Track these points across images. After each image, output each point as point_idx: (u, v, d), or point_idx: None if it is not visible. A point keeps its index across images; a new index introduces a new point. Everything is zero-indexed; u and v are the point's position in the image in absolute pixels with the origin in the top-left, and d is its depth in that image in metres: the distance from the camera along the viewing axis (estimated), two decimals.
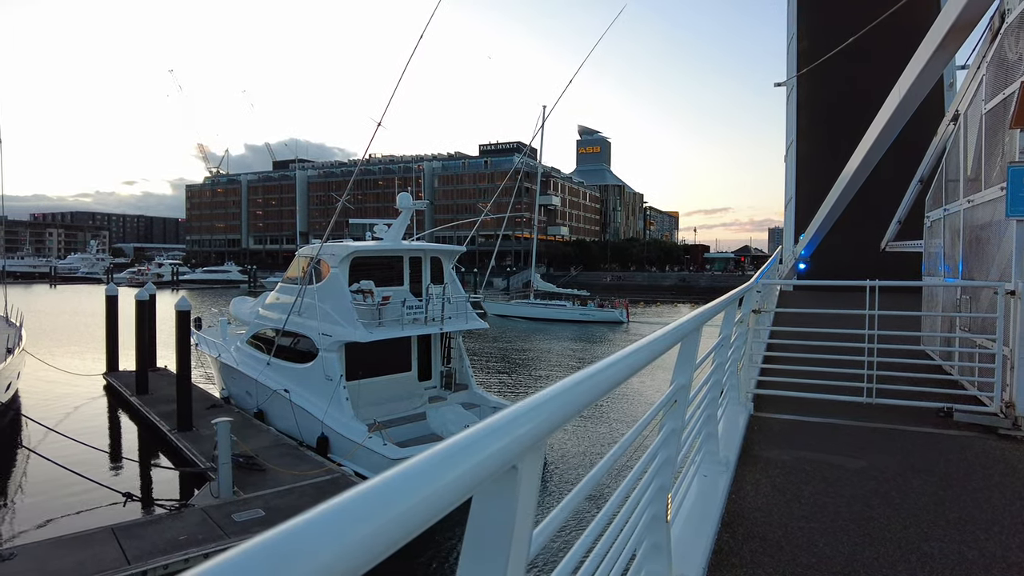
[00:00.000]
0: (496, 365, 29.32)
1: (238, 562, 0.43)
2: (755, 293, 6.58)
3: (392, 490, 0.59)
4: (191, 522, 10.14)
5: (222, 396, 19.04)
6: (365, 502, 0.55)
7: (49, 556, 8.71)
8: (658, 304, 71.45)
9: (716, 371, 4.24)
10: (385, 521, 0.55)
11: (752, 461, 4.88)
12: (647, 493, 2.36)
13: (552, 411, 0.98)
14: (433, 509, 0.64)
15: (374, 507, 0.56)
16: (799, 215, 24.47)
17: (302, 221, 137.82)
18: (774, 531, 3.63)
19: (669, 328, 2.19)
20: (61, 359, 25.41)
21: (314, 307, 15.51)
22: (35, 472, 13.73)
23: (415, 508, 0.61)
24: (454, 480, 0.68)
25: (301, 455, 13.53)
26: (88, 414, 19.31)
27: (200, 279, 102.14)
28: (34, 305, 48.93)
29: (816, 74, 20.07)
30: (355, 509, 0.54)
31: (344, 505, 0.53)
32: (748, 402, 6.33)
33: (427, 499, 0.63)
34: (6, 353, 17.11)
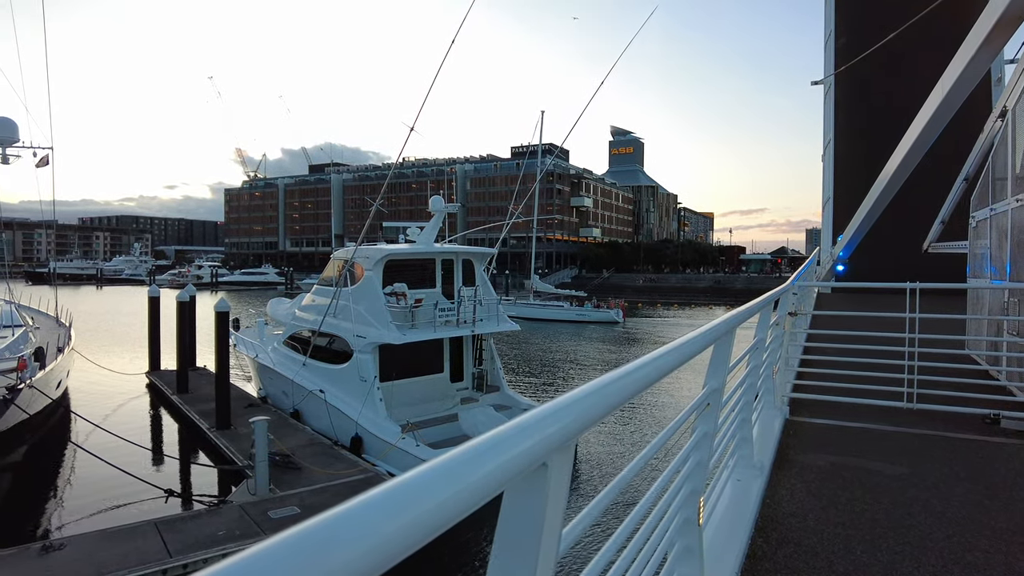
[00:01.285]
0: (513, 366, 29.33)
1: (277, 550, 0.46)
2: (791, 295, 6.47)
3: (425, 484, 0.61)
4: (229, 518, 10.38)
5: (259, 395, 19.44)
6: (400, 495, 0.58)
7: (96, 548, 9.01)
8: (692, 307, 70.58)
9: (751, 375, 4.19)
10: (419, 513, 0.58)
11: (787, 466, 4.80)
12: (679, 496, 2.35)
13: (581, 411, 0.99)
14: (464, 503, 0.66)
15: (409, 499, 0.58)
16: (837, 216, 23.96)
17: (337, 224, 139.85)
18: (809, 537, 3.57)
19: (702, 330, 2.17)
20: (107, 358, 26.22)
21: (349, 309, 15.74)
22: (83, 466, 14.20)
23: (447, 502, 0.63)
24: (484, 476, 0.70)
25: (335, 454, 13.73)
26: (132, 411, 19.91)
27: (238, 281, 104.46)
28: (82, 306, 50.60)
29: (855, 71, 19.62)
30: (390, 501, 0.56)
31: (380, 497, 0.56)
32: (784, 406, 6.23)
33: (458, 493, 0.65)
34: (57, 352, 17.73)
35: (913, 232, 17.14)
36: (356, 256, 16.42)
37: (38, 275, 72.64)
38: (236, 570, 0.42)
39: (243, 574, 0.43)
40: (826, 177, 26.05)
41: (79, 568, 8.39)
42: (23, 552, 8.84)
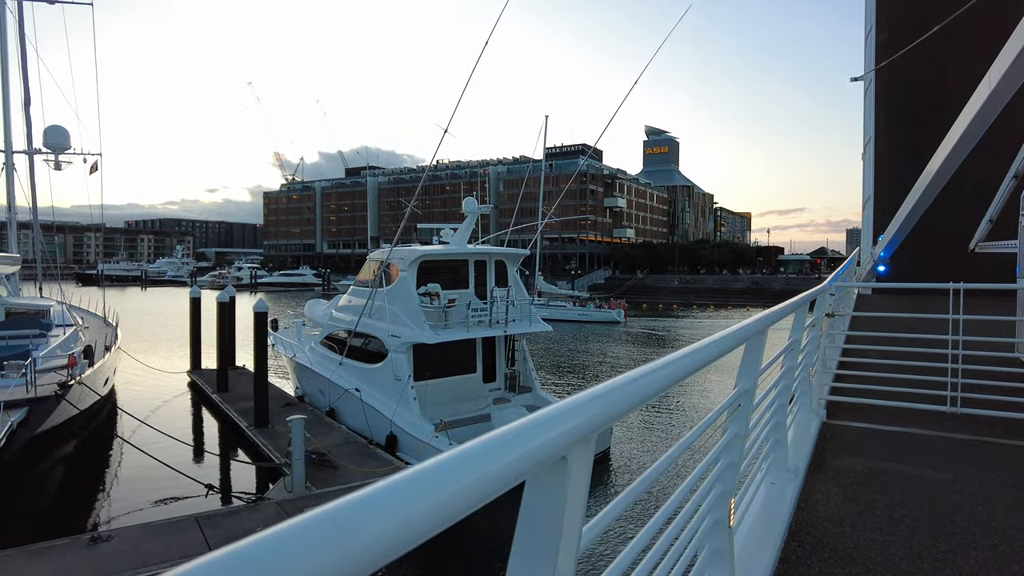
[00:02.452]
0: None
1: (304, 527, 0.49)
2: (828, 296, 6.35)
3: (450, 469, 0.64)
4: (266, 514, 10.61)
5: (296, 394, 19.82)
6: (426, 478, 0.61)
7: (141, 540, 9.31)
8: (728, 308, 69.55)
9: (785, 376, 4.12)
10: (443, 496, 0.61)
11: (823, 470, 4.72)
12: (709, 497, 2.33)
13: (602, 407, 1.01)
14: (485, 491, 0.69)
15: (434, 483, 0.61)
16: (878, 215, 23.34)
17: (373, 226, 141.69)
18: (845, 542, 3.50)
19: (732, 330, 2.15)
20: (151, 357, 27.03)
21: (384, 309, 15.94)
22: (128, 461, 14.69)
23: (469, 488, 0.65)
24: (505, 465, 0.73)
25: (370, 453, 13.92)
26: (174, 409, 20.50)
27: (277, 282, 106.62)
28: (127, 306, 52.23)
29: (896, 67, 19.09)
30: (417, 484, 0.59)
31: (408, 479, 0.59)
32: (820, 409, 6.11)
33: (480, 480, 0.67)
34: (104, 351, 18.36)
35: (959, 231, 16.58)
36: (391, 257, 16.62)
37: (87, 277, 75.31)
38: (270, 542, 0.45)
39: (276, 546, 0.46)
40: (866, 175, 25.39)
41: (126, 560, 8.69)
42: (75, 542, 9.19)
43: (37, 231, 24.69)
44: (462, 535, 10.44)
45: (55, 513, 12.54)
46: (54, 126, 23.56)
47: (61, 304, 21.13)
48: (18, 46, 22.59)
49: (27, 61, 22.87)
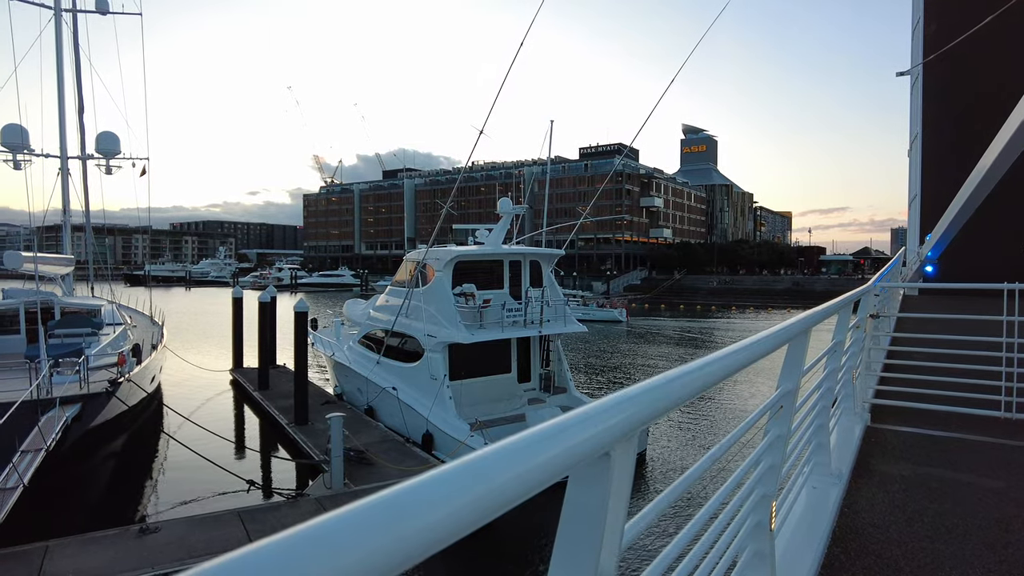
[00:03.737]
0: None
1: (363, 511, 0.51)
2: (873, 296, 6.18)
3: (495, 462, 0.65)
4: (305, 510, 10.82)
5: (335, 392, 20.15)
6: (472, 470, 0.62)
7: (186, 533, 9.60)
8: (769, 310, 68.22)
9: (828, 378, 4.04)
10: (488, 489, 0.62)
11: (868, 474, 4.59)
12: (749, 499, 2.30)
13: (644, 405, 1.01)
14: (530, 484, 0.70)
15: (479, 475, 0.62)
16: (925, 213, 22.60)
17: (410, 227, 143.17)
18: (891, 549, 3.40)
19: (775, 329, 2.12)
20: (195, 355, 27.80)
21: (420, 309, 16.10)
22: (174, 456, 15.13)
23: (514, 481, 0.67)
24: (550, 459, 0.74)
25: (407, 451, 14.07)
26: (217, 406, 21.05)
27: (316, 283, 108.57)
28: (172, 306, 53.79)
29: (946, 60, 18.47)
30: (464, 475, 0.61)
31: (454, 471, 0.60)
32: (865, 412, 5.95)
33: (525, 474, 0.69)
34: (151, 349, 18.95)
35: (1013, 230, 15.97)
36: (427, 258, 16.78)
37: (135, 277, 77.83)
38: (331, 524, 0.47)
39: (337, 528, 0.48)
40: (913, 173, 24.61)
41: (171, 551, 8.97)
42: (124, 533, 9.54)
43: (89, 234, 25.63)
44: (499, 532, 10.48)
45: (106, 504, 13.01)
46: (106, 132, 24.42)
47: (111, 304, 21.89)
48: (73, 56, 23.51)
49: (80, 70, 23.82)
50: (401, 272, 18.65)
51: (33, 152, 22.35)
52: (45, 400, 11.60)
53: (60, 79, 22.94)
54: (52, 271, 20.25)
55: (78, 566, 8.41)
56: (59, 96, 23.00)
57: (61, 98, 23.03)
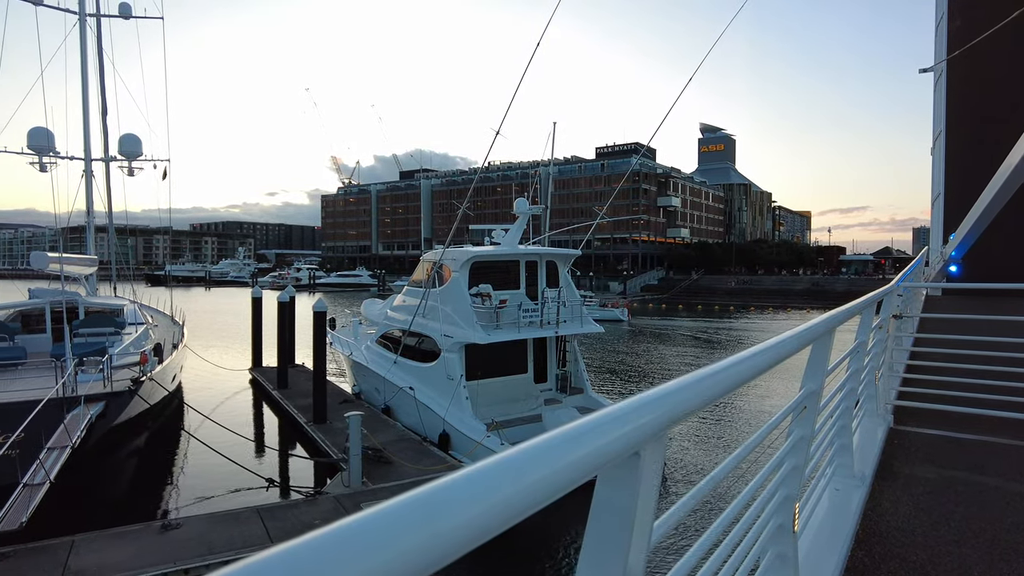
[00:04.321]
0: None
1: (397, 509, 0.51)
2: (896, 296, 6.09)
3: (527, 461, 0.65)
4: (324, 508, 10.90)
5: (353, 392, 20.27)
6: (505, 468, 0.62)
7: (207, 529, 9.71)
8: (788, 310, 67.54)
9: (851, 379, 3.98)
10: (521, 487, 0.62)
11: (891, 477, 4.53)
12: (772, 501, 2.28)
13: (674, 404, 1.01)
14: (561, 482, 0.70)
15: (512, 474, 0.62)
16: (949, 212, 22.22)
17: (426, 228, 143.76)
18: (917, 553, 3.35)
19: (799, 330, 2.10)
20: (214, 355, 28.13)
21: (437, 309, 16.15)
22: (194, 454, 15.33)
23: (546, 479, 0.66)
24: (581, 457, 0.73)
25: (424, 450, 14.12)
26: (237, 405, 21.27)
27: (334, 283, 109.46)
28: (192, 306, 54.49)
29: (971, 56, 18.15)
30: (498, 472, 0.60)
31: (488, 468, 0.60)
32: (887, 414, 5.87)
33: (555, 473, 0.68)
34: (172, 348, 19.20)
35: None
36: (444, 258, 16.83)
37: (156, 277, 78.97)
38: (366, 522, 0.47)
39: (373, 526, 0.48)
40: (936, 171, 24.21)
41: (193, 547, 9.08)
42: (147, 528, 9.68)
43: (112, 234, 26.02)
44: (532, 521, 10.48)
45: (129, 500, 13.22)
46: (128, 134, 24.76)
47: (133, 303, 22.20)
48: (97, 60, 23.89)
49: (104, 74, 24.18)
50: (418, 272, 18.72)
51: (58, 154, 22.73)
52: (71, 398, 11.79)
53: (84, 82, 23.32)
54: (76, 271, 20.58)
55: (103, 561, 8.54)
56: (83, 99, 23.38)
57: (85, 101, 23.41)
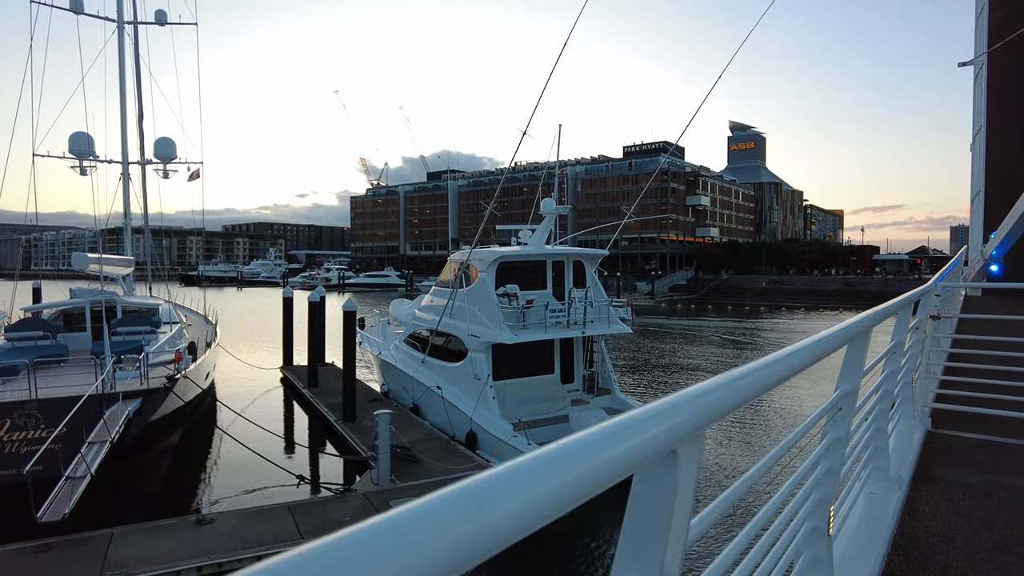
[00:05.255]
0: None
1: (444, 501, 0.52)
2: (933, 297, 5.95)
3: (567, 456, 0.66)
4: (353, 505, 11.01)
5: (382, 390, 20.47)
6: (547, 463, 0.63)
7: (239, 525, 9.89)
8: (820, 311, 66.33)
9: (887, 380, 3.90)
10: (562, 482, 0.62)
11: (929, 482, 4.42)
12: (807, 503, 2.25)
13: (712, 402, 1.00)
14: (600, 479, 0.70)
15: (554, 469, 0.63)
16: (989, 210, 21.57)
17: (453, 228, 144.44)
18: (958, 560, 3.27)
19: (835, 329, 2.07)
20: (246, 353, 28.62)
21: (464, 309, 16.22)
22: (227, 450, 15.62)
23: (586, 475, 0.67)
24: (619, 456, 0.73)
25: (452, 449, 14.20)
26: (268, 402, 21.63)
27: (363, 283, 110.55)
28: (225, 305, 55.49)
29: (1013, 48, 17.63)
30: (540, 467, 0.61)
31: (531, 463, 0.61)
32: (925, 417, 5.73)
33: (595, 469, 0.68)
34: (206, 347, 19.60)
35: None
36: (471, 258, 16.89)
37: (190, 278, 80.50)
38: (414, 513, 0.49)
39: (420, 518, 0.49)
40: (976, 168, 23.54)
41: (226, 542, 9.26)
42: (182, 523, 9.90)
43: (147, 235, 26.67)
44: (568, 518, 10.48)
45: (164, 494, 13.53)
46: (163, 138, 25.35)
47: (168, 303, 22.72)
48: (134, 66, 24.51)
49: (140, 79, 24.79)
50: (445, 273, 18.82)
51: (97, 158, 23.36)
52: (110, 394, 12.13)
53: (122, 88, 23.92)
54: (114, 272, 21.13)
55: (140, 553, 8.76)
56: (121, 104, 23.98)
57: (123, 106, 24.01)
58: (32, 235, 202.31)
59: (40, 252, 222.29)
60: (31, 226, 20.32)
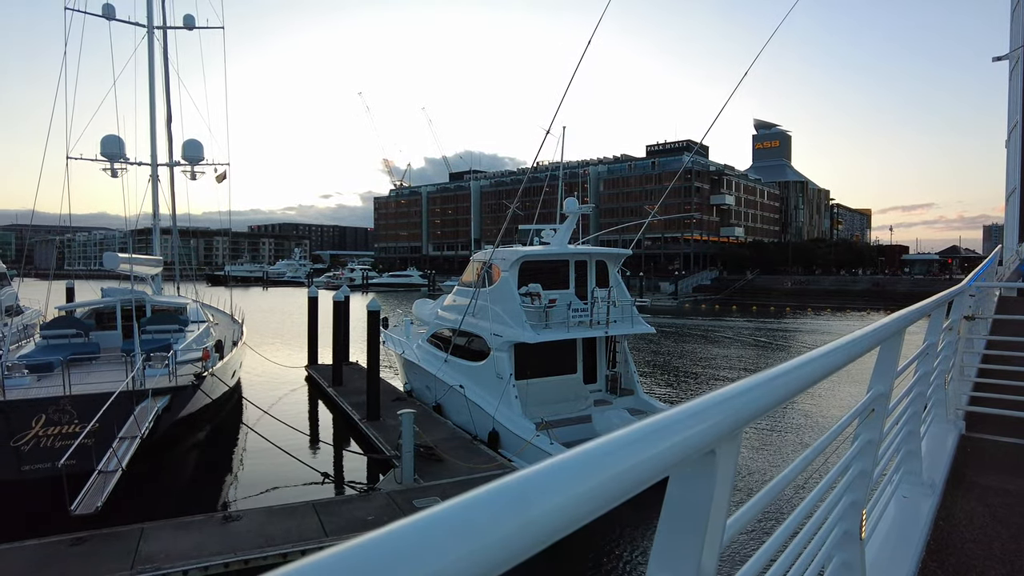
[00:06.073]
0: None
1: (492, 496, 0.52)
2: (967, 297, 5.81)
3: (608, 454, 0.66)
4: (377, 504, 11.09)
5: (405, 389, 20.60)
6: (588, 460, 0.62)
7: (265, 522, 10.02)
8: (847, 311, 65.24)
9: (919, 382, 3.83)
10: (604, 479, 0.62)
11: (964, 487, 4.32)
12: (839, 506, 2.22)
13: (750, 401, 1.00)
14: (636, 479, 0.69)
15: (595, 466, 0.62)
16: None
17: (476, 228, 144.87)
18: (995, 567, 3.19)
19: (869, 329, 2.04)
20: (272, 352, 28.99)
21: (486, 309, 16.25)
22: (252, 447, 15.84)
23: (626, 474, 0.66)
24: (658, 454, 0.73)
25: (475, 448, 14.23)
26: (293, 400, 21.87)
27: (386, 283, 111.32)
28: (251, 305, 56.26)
29: None
30: (580, 465, 0.61)
31: (572, 460, 0.61)
32: (958, 420, 5.61)
33: (635, 467, 0.68)
34: (232, 345, 19.90)
35: None
36: (493, 258, 16.92)
37: (216, 277, 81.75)
38: (463, 507, 0.49)
39: (461, 515, 0.49)
40: (1011, 165, 22.98)
41: (252, 539, 9.39)
42: (210, 519, 10.06)
43: (175, 236, 27.15)
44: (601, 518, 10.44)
45: (192, 490, 13.77)
46: (191, 140, 25.78)
47: (195, 302, 23.11)
48: (163, 70, 24.97)
49: (169, 82, 25.25)
50: (468, 272, 18.86)
51: (128, 161, 23.84)
52: (139, 391, 12.38)
53: (152, 92, 24.39)
54: (144, 271, 21.55)
55: (169, 548, 8.92)
56: (151, 108, 24.45)
57: (153, 110, 24.47)
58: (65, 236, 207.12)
59: (73, 252, 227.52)
60: (65, 227, 20.79)
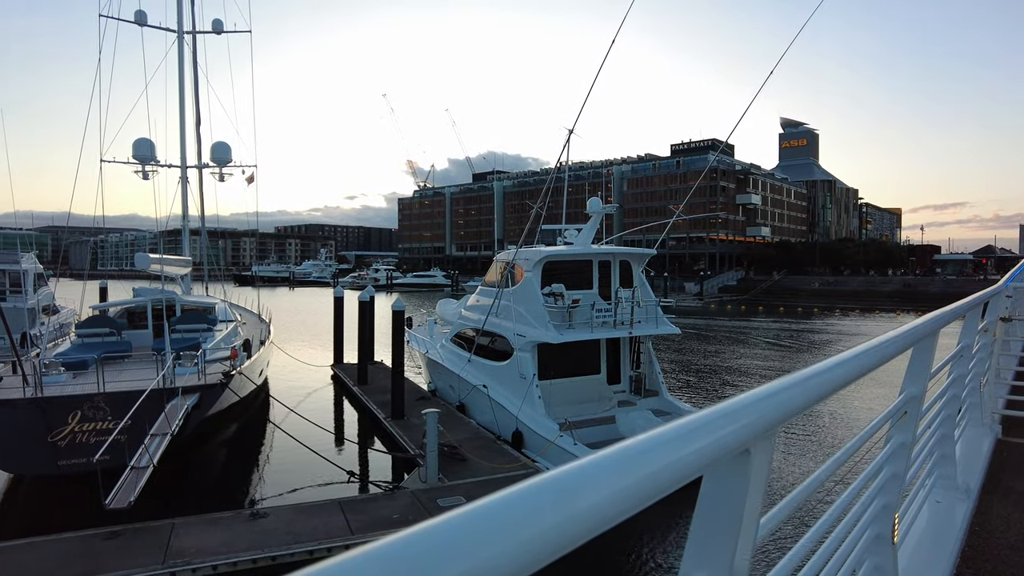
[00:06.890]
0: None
1: (535, 489, 0.53)
2: (1004, 298, 5.68)
3: (646, 452, 0.66)
4: (402, 503, 11.16)
5: (429, 389, 20.72)
6: (627, 457, 0.63)
7: (292, 519, 10.16)
8: (876, 313, 63.98)
9: (953, 385, 3.75)
10: (641, 476, 0.63)
11: (1001, 492, 4.22)
12: (871, 509, 2.19)
13: (784, 400, 1.00)
14: (672, 478, 0.70)
15: (633, 463, 0.63)
16: None
17: (499, 229, 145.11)
18: None
19: (903, 330, 2.01)
20: (298, 351, 29.35)
21: (510, 309, 16.27)
22: (279, 445, 16.05)
23: (663, 471, 0.67)
24: (694, 453, 0.74)
25: (498, 448, 14.25)
26: (319, 399, 22.13)
27: (410, 283, 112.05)
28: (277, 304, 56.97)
29: None
30: (620, 462, 0.62)
31: (612, 457, 0.62)
32: (994, 424, 5.48)
33: (670, 466, 0.69)
34: (259, 345, 20.20)
35: None
36: (516, 258, 16.92)
37: (243, 278, 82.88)
38: (508, 501, 0.50)
39: (504, 508, 0.51)
40: None
41: (279, 536, 9.52)
42: (238, 516, 10.24)
43: (204, 237, 27.62)
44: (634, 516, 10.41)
45: (221, 487, 14.01)
46: (219, 142, 26.23)
47: (223, 302, 23.50)
48: (193, 74, 25.46)
49: (198, 86, 25.73)
50: (491, 272, 18.90)
51: (158, 163, 24.35)
52: (170, 389, 12.63)
53: (181, 95, 24.88)
54: (174, 272, 21.97)
55: (199, 544, 9.09)
56: (180, 111, 24.94)
57: (182, 113, 24.96)
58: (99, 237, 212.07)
59: (106, 253, 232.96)
60: (98, 228, 21.32)
